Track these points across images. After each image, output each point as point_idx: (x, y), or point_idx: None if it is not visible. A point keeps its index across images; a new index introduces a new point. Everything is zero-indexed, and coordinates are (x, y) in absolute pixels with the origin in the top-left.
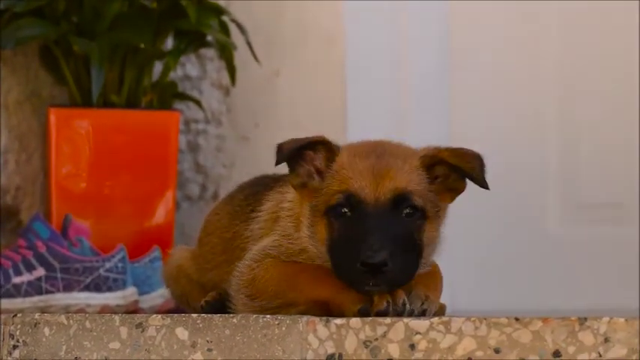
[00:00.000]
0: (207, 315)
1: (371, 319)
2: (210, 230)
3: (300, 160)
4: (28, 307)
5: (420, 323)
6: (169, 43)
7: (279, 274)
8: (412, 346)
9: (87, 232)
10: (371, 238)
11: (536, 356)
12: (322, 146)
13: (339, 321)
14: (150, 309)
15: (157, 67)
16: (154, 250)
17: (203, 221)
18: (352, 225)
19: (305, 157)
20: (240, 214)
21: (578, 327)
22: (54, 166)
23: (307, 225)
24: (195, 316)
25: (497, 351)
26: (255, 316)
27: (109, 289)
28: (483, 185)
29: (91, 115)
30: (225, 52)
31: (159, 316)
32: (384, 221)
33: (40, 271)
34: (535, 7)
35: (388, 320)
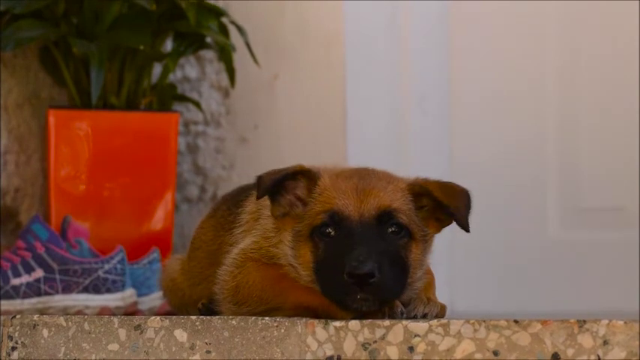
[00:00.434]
0: (206, 317)
1: (370, 321)
2: (196, 245)
3: (281, 190)
4: (26, 309)
5: (418, 326)
6: (169, 45)
7: (263, 278)
8: (411, 349)
9: (86, 233)
10: (357, 250)
11: (535, 359)
12: (301, 175)
13: (337, 323)
14: (149, 310)
15: (157, 69)
16: (153, 251)
17: (191, 238)
18: (338, 242)
19: (286, 186)
20: (224, 224)
21: (577, 329)
22: (53, 167)
23: (290, 251)
24: (194, 318)
25: (496, 353)
26: (254, 318)
27: (108, 291)
28: (464, 227)
29: (90, 116)
30: (224, 54)
31: (158, 317)
32: (370, 237)
33: (38, 273)
34: (535, 10)
35: (387, 323)
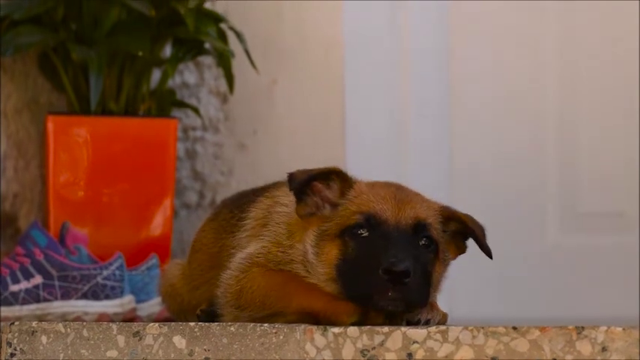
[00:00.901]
0: (205, 323)
1: (368, 327)
2: (197, 248)
3: (308, 191)
4: (25, 315)
5: (417, 332)
6: (167, 51)
7: (267, 284)
8: (409, 355)
9: (85, 239)
10: (394, 249)
11: None
12: (336, 176)
13: (336, 330)
14: (147, 317)
15: (155, 75)
16: (152, 257)
17: (192, 241)
18: (372, 243)
19: (313, 188)
20: (226, 226)
21: (576, 336)
22: (52, 173)
23: (311, 249)
24: (192, 324)
25: None
26: (252, 324)
27: (107, 297)
28: (488, 253)
29: (89, 122)
30: (223, 60)
31: (156, 324)
32: (405, 242)
33: (37, 279)
34: (535, 14)
35: (386, 329)
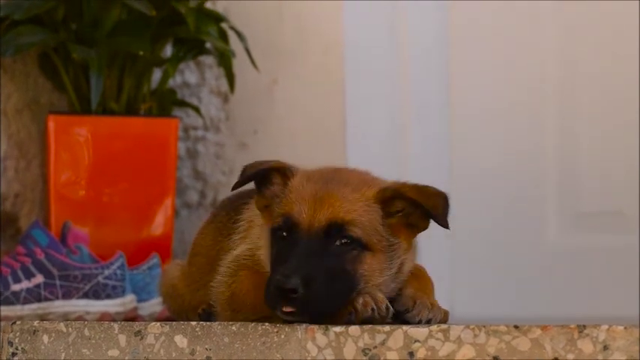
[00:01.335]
0: (206, 323)
1: (370, 326)
2: (196, 251)
3: (266, 182)
4: (26, 315)
5: (418, 331)
6: (168, 51)
7: (255, 287)
8: (411, 354)
9: (86, 239)
10: (288, 263)
11: None
12: (276, 172)
13: (337, 329)
14: (149, 316)
15: (156, 75)
16: (153, 257)
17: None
18: (285, 248)
19: (271, 179)
20: (223, 229)
21: (577, 335)
22: (53, 173)
23: (265, 250)
24: (194, 323)
25: (496, 359)
26: (254, 323)
27: (108, 297)
28: (444, 224)
29: (90, 122)
30: (223, 60)
31: (158, 323)
32: (314, 248)
33: (38, 279)
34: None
35: (387, 328)
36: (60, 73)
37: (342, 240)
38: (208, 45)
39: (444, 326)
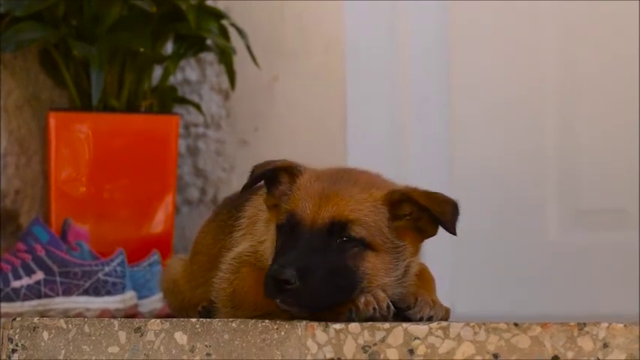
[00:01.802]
0: (206, 319)
1: (370, 323)
2: (197, 249)
3: (275, 181)
4: (27, 311)
5: (418, 328)
6: (169, 47)
7: (257, 284)
8: (411, 351)
9: (86, 236)
10: (286, 255)
11: None
12: (284, 171)
13: (337, 326)
14: (149, 313)
15: (157, 71)
16: (153, 254)
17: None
18: (287, 243)
19: (280, 179)
20: (224, 227)
21: (577, 332)
22: (53, 169)
23: (270, 245)
24: (194, 320)
25: (496, 356)
26: (254, 320)
27: (108, 293)
28: (452, 231)
29: (90, 118)
30: (224, 57)
31: (158, 320)
32: (315, 243)
33: (39, 275)
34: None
35: (387, 325)
36: (61, 70)
37: (345, 238)
38: (209, 42)
39: (444, 324)
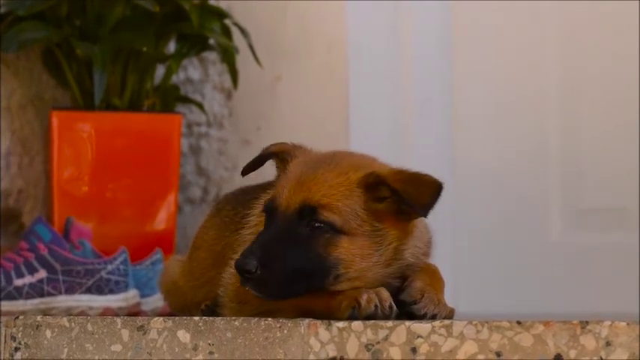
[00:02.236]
0: (209, 318)
1: (373, 322)
2: (198, 245)
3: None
4: (29, 310)
5: (421, 326)
6: (172, 47)
7: None
8: (414, 350)
9: (89, 234)
10: (251, 245)
11: None
12: (275, 156)
13: (340, 324)
14: (152, 311)
15: (160, 71)
16: (156, 252)
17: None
18: (264, 229)
19: (276, 163)
20: (230, 224)
21: (580, 331)
22: (56, 169)
23: None
24: (196, 318)
25: (498, 354)
26: (256, 319)
27: (111, 292)
28: (421, 213)
29: (93, 118)
30: (227, 56)
31: (160, 318)
32: (284, 230)
33: (41, 274)
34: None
35: (390, 323)
36: (63, 69)
37: (315, 223)
38: (212, 41)
39: (447, 322)
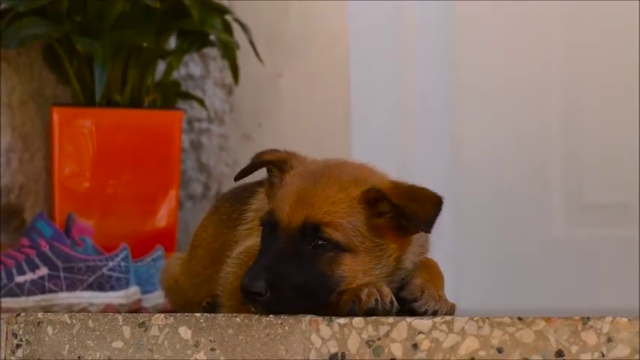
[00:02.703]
0: (211, 314)
1: (374, 318)
2: (197, 243)
3: (270, 173)
4: (31, 306)
5: (422, 323)
6: (172, 43)
7: None
8: (415, 346)
9: (90, 231)
10: (257, 264)
11: (539, 356)
12: (272, 164)
13: (342, 320)
14: (153, 308)
15: (160, 67)
16: (157, 249)
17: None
18: (265, 244)
19: (272, 171)
20: (227, 221)
21: (581, 327)
22: (57, 165)
23: None
24: (198, 315)
25: (500, 350)
26: (258, 315)
27: (112, 288)
28: (424, 229)
29: (94, 114)
30: (228, 52)
31: (162, 315)
32: (288, 248)
33: (43, 270)
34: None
35: (391, 320)
36: (64, 66)
37: (318, 241)
38: (212, 37)
39: (448, 318)
